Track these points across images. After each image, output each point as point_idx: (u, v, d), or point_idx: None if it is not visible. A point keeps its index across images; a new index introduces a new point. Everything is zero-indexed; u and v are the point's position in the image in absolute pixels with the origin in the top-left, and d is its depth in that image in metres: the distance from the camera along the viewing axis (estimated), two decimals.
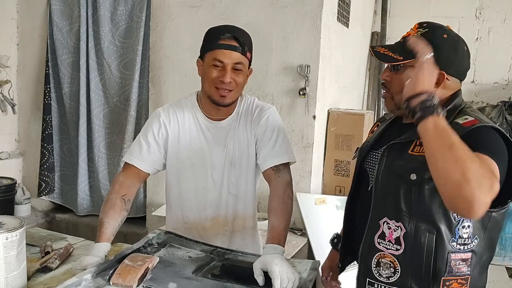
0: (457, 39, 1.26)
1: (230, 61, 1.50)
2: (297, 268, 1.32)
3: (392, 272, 1.25)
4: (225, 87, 1.51)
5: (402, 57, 1.23)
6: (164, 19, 3.16)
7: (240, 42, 1.51)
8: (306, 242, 2.70)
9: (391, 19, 4.06)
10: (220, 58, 1.49)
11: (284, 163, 1.57)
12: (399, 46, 1.27)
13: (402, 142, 1.26)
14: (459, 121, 1.19)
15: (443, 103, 1.24)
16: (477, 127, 1.15)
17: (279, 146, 1.57)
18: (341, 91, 3.34)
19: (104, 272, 1.23)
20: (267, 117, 1.60)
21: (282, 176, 1.55)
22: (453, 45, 1.23)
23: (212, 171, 1.62)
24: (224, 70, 1.50)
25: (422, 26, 1.26)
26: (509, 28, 3.80)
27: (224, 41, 1.50)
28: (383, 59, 1.28)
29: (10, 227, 1.22)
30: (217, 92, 1.53)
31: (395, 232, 1.24)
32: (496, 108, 3.56)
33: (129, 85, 3.29)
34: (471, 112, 1.22)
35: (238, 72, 1.52)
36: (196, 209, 1.65)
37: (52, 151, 3.58)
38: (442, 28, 1.26)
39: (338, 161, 3.03)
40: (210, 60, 1.52)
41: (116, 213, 1.49)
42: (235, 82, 1.52)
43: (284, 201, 1.50)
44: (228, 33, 1.51)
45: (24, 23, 3.67)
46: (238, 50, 1.50)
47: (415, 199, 1.20)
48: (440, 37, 1.22)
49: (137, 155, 1.60)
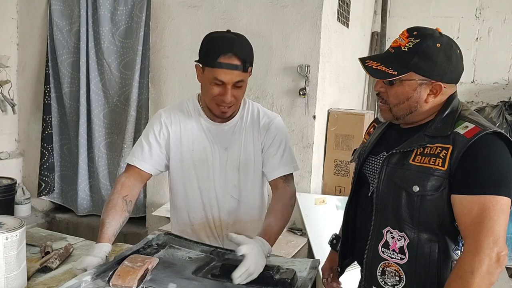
0: (450, 45, 1.22)
1: (231, 81, 1.47)
2: (296, 267, 1.33)
3: (397, 281, 1.26)
4: (226, 105, 1.51)
5: (396, 72, 1.20)
6: (164, 19, 3.16)
7: (241, 59, 1.46)
8: (306, 242, 2.70)
9: (391, 19, 4.06)
10: (221, 78, 1.46)
11: (289, 174, 1.61)
12: (391, 59, 1.24)
13: (402, 151, 1.25)
14: (460, 130, 1.18)
15: (440, 109, 1.24)
16: (480, 137, 1.14)
17: (287, 156, 1.61)
18: (341, 91, 3.34)
19: (104, 274, 1.23)
20: (275, 126, 1.62)
21: (290, 186, 1.60)
22: (446, 54, 1.20)
23: (214, 172, 1.62)
24: (225, 89, 1.47)
25: (413, 35, 1.21)
26: (509, 28, 3.80)
27: (225, 59, 1.44)
28: (376, 75, 1.24)
29: (10, 227, 1.22)
30: (218, 108, 1.53)
31: (398, 242, 1.24)
32: (496, 108, 3.56)
33: (129, 85, 3.29)
34: (470, 117, 1.21)
35: (238, 88, 1.50)
36: (203, 209, 1.65)
37: (52, 151, 3.58)
38: (433, 36, 1.21)
39: (338, 161, 3.03)
40: (210, 77, 1.48)
41: (118, 214, 1.49)
42: (235, 98, 1.51)
43: (288, 208, 1.54)
44: (229, 50, 1.44)
45: (24, 23, 3.67)
46: (239, 69, 1.46)
47: (417, 210, 1.20)
48: (433, 48, 1.19)
49: (139, 156, 1.61)
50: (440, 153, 1.18)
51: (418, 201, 1.19)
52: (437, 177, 1.17)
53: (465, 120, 1.20)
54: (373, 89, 1.37)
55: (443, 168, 1.16)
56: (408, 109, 1.25)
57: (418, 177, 1.19)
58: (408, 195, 1.21)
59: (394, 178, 1.24)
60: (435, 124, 1.23)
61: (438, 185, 1.17)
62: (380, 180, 1.28)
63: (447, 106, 1.24)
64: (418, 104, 1.23)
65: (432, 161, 1.18)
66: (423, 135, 1.23)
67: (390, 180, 1.26)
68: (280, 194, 1.56)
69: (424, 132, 1.24)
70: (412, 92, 1.22)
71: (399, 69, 1.20)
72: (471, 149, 1.13)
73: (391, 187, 1.25)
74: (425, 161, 1.19)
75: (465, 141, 1.14)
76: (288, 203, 1.56)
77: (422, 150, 1.21)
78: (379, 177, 1.28)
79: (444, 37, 1.22)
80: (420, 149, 1.22)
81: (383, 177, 1.27)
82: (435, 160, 1.18)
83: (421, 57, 1.19)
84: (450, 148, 1.16)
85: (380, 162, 1.31)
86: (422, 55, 1.18)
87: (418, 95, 1.22)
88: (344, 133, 3.00)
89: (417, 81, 1.21)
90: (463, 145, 1.14)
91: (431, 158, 1.19)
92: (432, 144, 1.20)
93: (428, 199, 1.18)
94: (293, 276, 1.26)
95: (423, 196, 1.19)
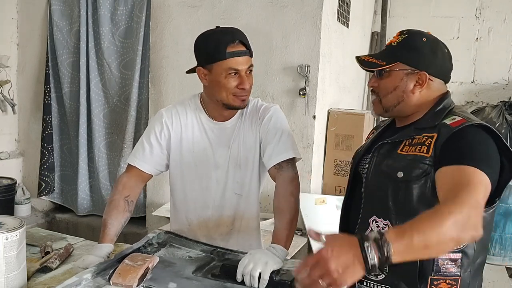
0: (436, 42, 1.30)
1: (245, 67, 1.50)
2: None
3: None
4: (245, 93, 1.52)
5: (384, 62, 1.28)
6: (164, 19, 3.16)
7: (246, 45, 1.50)
8: (306, 242, 2.70)
9: (391, 19, 4.06)
10: (235, 66, 1.48)
11: (287, 160, 1.55)
12: (382, 54, 1.33)
13: (391, 142, 1.29)
14: (447, 121, 1.21)
15: (431, 104, 1.28)
16: (465, 126, 1.16)
17: (283, 143, 1.56)
18: (341, 91, 3.34)
19: (104, 272, 1.24)
20: (270, 115, 1.60)
21: (284, 173, 1.53)
22: (431, 47, 1.27)
23: (216, 172, 1.62)
24: (241, 77, 1.49)
25: (403, 33, 1.31)
26: (509, 28, 3.80)
27: (233, 48, 1.47)
28: (366, 65, 1.33)
29: (10, 227, 1.22)
30: (237, 98, 1.53)
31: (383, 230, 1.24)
32: (496, 108, 3.56)
33: (129, 85, 3.29)
34: (460, 113, 1.24)
35: (250, 74, 1.54)
36: (201, 209, 1.65)
37: (52, 151, 3.58)
38: (421, 33, 1.30)
39: (338, 161, 3.03)
40: (222, 70, 1.48)
41: (120, 214, 1.50)
42: (250, 84, 1.54)
43: (286, 199, 1.49)
44: (234, 39, 1.48)
45: (24, 23, 3.67)
46: (247, 54, 1.51)
47: (402, 198, 1.21)
48: (419, 41, 1.27)
49: (140, 157, 1.61)
50: (426, 141, 1.21)
51: (403, 188, 1.21)
52: (422, 164, 1.19)
53: (454, 114, 1.23)
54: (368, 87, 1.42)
55: (427, 155, 1.18)
56: (396, 100, 1.29)
57: (404, 165, 1.21)
58: (393, 182, 1.22)
59: (381, 166, 1.28)
60: (425, 118, 1.27)
61: (423, 171, 1.18)
62: (370, 170, 1.31)
63: (439, 103, 1.28)
64: (405, 94, 1.28)
65: (418, 149, 1.21)
66: (413, 128, 1.28)
67: (378, 169, 1.30)
68: (276, 186, 1.53)
69: (414, 125, 1.28)
70: (399, 82, 1.28)
71: (387, 60, 1.28)
72: (455, 135, 1.16)
73: (379, 176, 1.28)
74: (411, 150, 1.23)
75: (450, 129, 1.17)
76: (284, 194, 1.49)
77: (411, 141, 1.25)
78: (369, 167, 1.32)
79: (432, 36, 1.30)
80: (409, 140, 1.25)
81: (372, 167, 1.31)
82: (420, 148, 1.21)
83: (408, 48, 1.27)
84: (435, 136, 1.20)
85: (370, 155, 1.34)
86: (408, 47, 1.27)
87: (404, 85, 1.27)
88: (344, 133, 3.00)
89: (403, 71, 1.27)
90: (447, 132, 1.17)
91: (417, 147, 1.22)
92: (420, 135, 1.24)
93: (412, 187, 1.19)
94: (293, 278, 1.26)
95: (407, 183, 1.20)
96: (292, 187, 1.51)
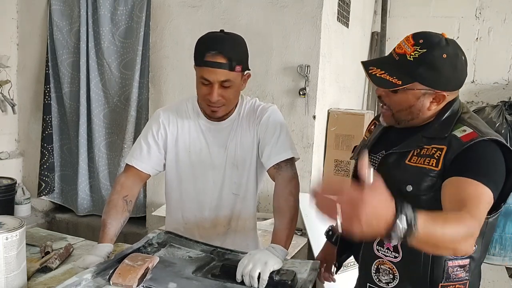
0: (456, 55, 1.20)
1: (216, 79, 1.45)
2: (296, 269, 1.32)
3: (391, 279, 1.27)
4: (214, 104, 1.50)
5: (400, 82, 1.19)
6: (164, 19, 3.16)
7: (227, 57, 1.44)
8: (306, 242, 2.70)
9: (391, 19, 4.06)
10: (206, 76, 1.45)
11: (286, 160, 1.54)
12: (395, 66, 1.21)
13: (399, 152, 1.26)
14: (457, 133, 1.18)
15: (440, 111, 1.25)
16: (476, 143, 1.14)
17: (281, 143, 1.55)
18: (341, 91, 3.34)
19: (104, 272, 1.24)
20: (268, 115, 1.59)
21: (283, 173, 1.52)
22: (451, 64, 1.19)
23: (213, 172, 1.62)
24: (211, 89, 1.46)
25: (419, 43, 1.18)
26: (509, 28, 3.80)
27: (210, 57, 1.43)
28: (380, 84, 1.22)
29: (10, 227, 1.22)
30: (208, 107, 1.52)
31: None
32: (496, 108, 3.55)
33: (129, 85, 3.29)
34: (469, 121, 1.21)
35: (226, 88, 1.48)
36: (197, 210, 1.65)
37: (52, 151, 3.58)
38: (439, 45, 1.18)
39: (338, 161, 3.03)
40: (198, 76, 1.49)
41: (119, 214, 1.50)
42: (224, 98, 1.49)
43: (285, 199, 1.48)
44: (214, 49, 1.43)
45: (24, 23, 3.67)
46: (225, 67, 1.44)
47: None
48: (439, 59, 1.17)
49: (138, 157, 1.61)
50: (435, 154, 1.18)
51: (412, 201, 1.20)
52: (431, 178, 1.17)
53: (464, 124, 1.20)
54: (375, 91, 1.38)
55: (437, 169, 1.17)
56: (410, 116, 1.26)
57: (412, 178, 1.20)
58: (402, 195, 1.20)
59: (389, 178, 1.25)
60: (434, 126, 1.24)
61: (432, 185, 1.17)
62: None
63: (447, 109, 1.24)
64: (420, 112, 1.24)
65: (427, 161, 1.19)
66: (421, 137, 1.24)
67: (385, 179, 1.27)
68: (276, 186, 1.52)
69: (422, 133, 1.24)
70: (415, 101, 1.22)
71: (403, 79, 1.19)
72: (466, 151, 1.14)
73: (386, 186, 1.26)
74: (420, 162, 1.20)
75: (460, 144, 1.15)
76: (283, 194, 1.48)
77: (419, 151, 1.22)
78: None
79: (450, 46, 1.20)
80: (417, 150, 1.22)
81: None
82: (429, 161, 1.18)
83: (427, 68, 1.17)
84: (445, 149, 1.17)
85: (378, 160, 1.32)
86: (428, 66, 1.17)
87: (421, 104, 1.22)
88: (344, 133, 3.00)
89: (421, 90, 1.20)
90: (458, 147, 1.15)
91: (426, 159, 1.19)
92: (429, 146, 1.21)
93: (422, 199, 1.18)
94: (293, 278, 1.26)
95: (417, 196, 1.19)
96: (291, 187, 1.50)
